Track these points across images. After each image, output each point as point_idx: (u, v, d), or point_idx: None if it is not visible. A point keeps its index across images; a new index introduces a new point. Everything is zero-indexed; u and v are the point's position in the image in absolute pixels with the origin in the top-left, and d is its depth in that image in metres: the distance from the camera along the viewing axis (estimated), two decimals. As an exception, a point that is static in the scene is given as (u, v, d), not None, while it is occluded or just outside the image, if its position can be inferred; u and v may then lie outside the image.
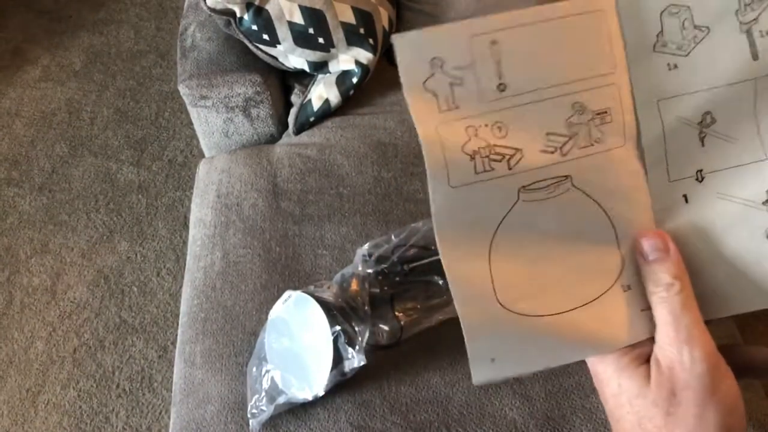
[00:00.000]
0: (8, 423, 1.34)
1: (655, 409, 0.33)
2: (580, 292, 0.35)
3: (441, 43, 0.32)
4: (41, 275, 1.55)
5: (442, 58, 0.32)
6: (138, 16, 2.17)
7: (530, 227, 0.34)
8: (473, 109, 0.33)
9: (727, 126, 0.35)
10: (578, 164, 0.34)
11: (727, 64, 0.34)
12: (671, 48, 0.34)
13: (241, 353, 0.90)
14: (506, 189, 0.34)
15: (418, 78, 0.32)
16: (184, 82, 1.14)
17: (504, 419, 0.82)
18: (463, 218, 0.33)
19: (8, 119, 1.89)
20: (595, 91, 0.34)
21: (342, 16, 1.10)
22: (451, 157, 0.33)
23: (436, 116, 0.33)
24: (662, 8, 0.34)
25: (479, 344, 0.34)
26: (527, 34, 0.33)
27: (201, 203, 1.09)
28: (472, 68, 0.33)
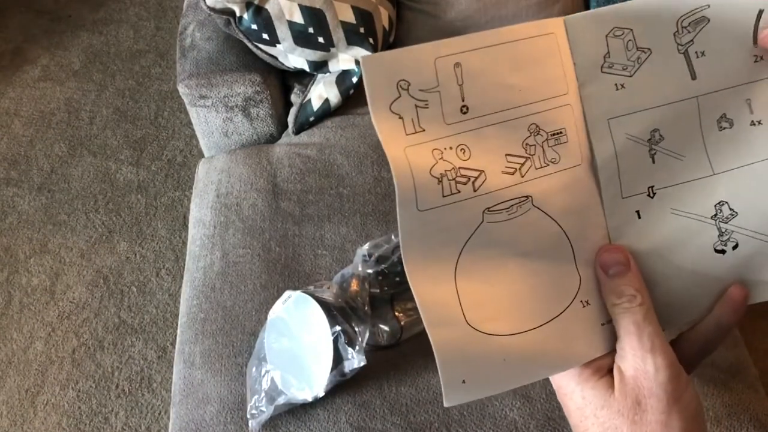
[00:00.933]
0: (7, 423, 1.34)
1: (620, 418, 0.33)
2: (543, 310, 0.36)
3: (407, 66, 0.33)
4: (40, 275, 1.55)
5: (408, 81, 0.33)
6: (137, 15, 2.17)
7: (493, 248, 0.35)
8: (438, 131, 0.33)
9: (675, 143, 0.36)
10: (537, 184, 0.35)
11: (668, 84, 0.36)
12: (617, 69, 0.36)
13: (240, 353, 0.89)
14: (471, 211, 0.34)
15: (384, 100, 0.33)
16: (183, 82, 1.13)
17: (504, 420, 0.82)
18: (429, 241, 0.34)
19: (7, 119, 1.89)
20: (550, 113, 0.35)
21: (342, 15, 1.10)
22: (420, 180, 0.33)
23: (403, 139, 0.33)
24: (607, 31, 0.35)
25: (451, 366, 0.34)
26: (487, 57, 0.34)
27: (200, 203, 1.09)
28: (437, 90, 0.33)
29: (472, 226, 0.34)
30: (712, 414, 0.83)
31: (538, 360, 0.35)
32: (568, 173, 0.36)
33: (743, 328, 1.05)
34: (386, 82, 0.32)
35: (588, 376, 0.35)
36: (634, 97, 0.36)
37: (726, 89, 0.36)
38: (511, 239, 0.35)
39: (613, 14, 0.35)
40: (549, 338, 0.35)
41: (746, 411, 0.84)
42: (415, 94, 0.33)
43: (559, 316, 0.36)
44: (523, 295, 0.35)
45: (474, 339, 0.34)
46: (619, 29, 0.35)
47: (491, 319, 0.35)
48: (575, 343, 0.36)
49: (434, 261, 0.34)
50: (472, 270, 0.34)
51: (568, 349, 0.36)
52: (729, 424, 0.83)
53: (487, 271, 0.35)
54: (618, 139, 0.36)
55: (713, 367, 0.87)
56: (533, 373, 0.35)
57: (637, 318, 0.34)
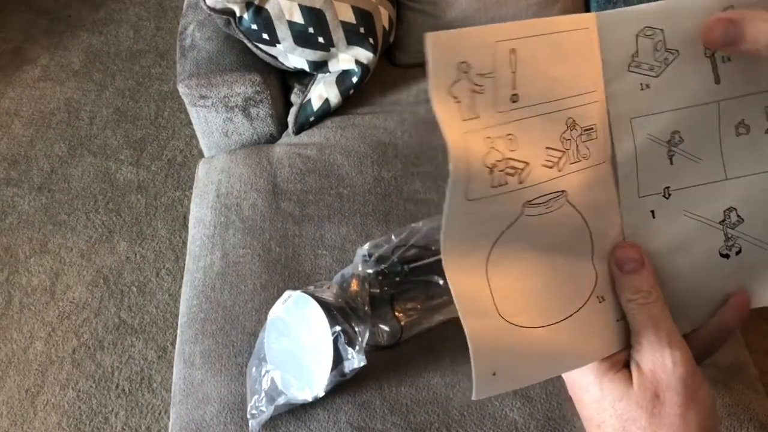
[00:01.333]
0: (7, 423, 1.34)
1: (639, 410, 0.34)
2: (564, 305, 0.36)
3: (469, 47, 0.32)
4: (40, 275, 1.55)
5: (468, 63, 0.32)
6: (137, 15, 2.17)
7: (524, 241, 0.35)
8: (491, 119, 0.33)
9: (693, 146, 0.37)
10: (571, 179, 0.35)
11: (692, 87, 0.36)
12: (644, 68, 0.36)
13: (240, 354, 0.89)
14: (513, 203, 0.34)
15: (445, 81, 0.31)
16: (183, 82, 1.13)
17: (504, 420, 0.82)
18: (469, 232, 0.33)
19: (7, 119, 1.89)
20: (584, 108, 0.35)
21: (342, 15, 1.10)
22: (474, 168, 0.32)
23: (460, 123, 0.32)
24: (638, 30, 0.35)
25: (484, 358, 0.34)
26: (537, 45, 0.33)
27: (200, 203, 1.09)
28: (493, 76, 0.32)
29: (510, 219, 0.34)
30: (712, 414, 0.83)
31: (561, 354, 0.36)
32: (596, 170, 0.36)
33: (743, 329, 1.05)
34: (449, 62, 0.31)
35: (605, 369, 0.36)
36: (657, 98, 0.36)
37: (747, 95, 0.36)
38: (542, 233, 0.35)
39: (647, 13, 0.35)
40: (570, 333, 0.36)
41: (746, 411, 0.84)
42: (473, 77, 0.32)
43: (578, 312, 0.36)
44: (546, 289, 0.36)
45: (506, 331, 0.34)
46: (651, 29, 0.35)
47: (522, 312, 0.35)
48: (593, 339, 0.36)
49: (470, 251, 0.34)
50: (504, 262, 0.34)
51: (588, 345, 0.36)
52: (729, 424, 0.83)
53: (516, 264, 0.35)
54: (639, 139, 0.37)
55: (713, 367, 0.87)
56: (556, 367, 0.36)
57: (653, 313, 0.35)
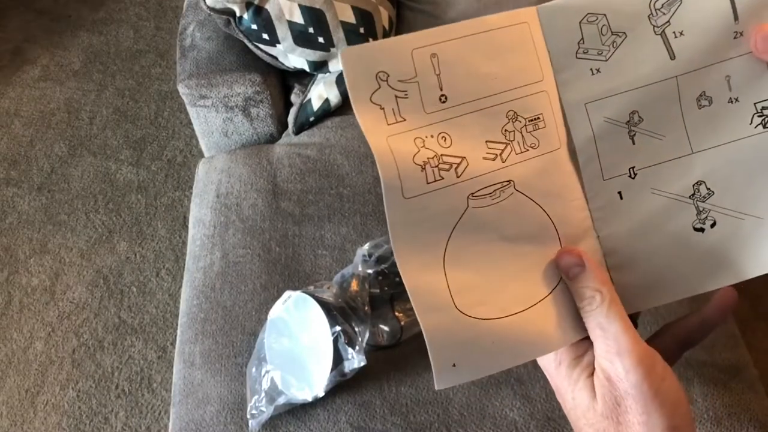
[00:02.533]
0: (7, 423, 1.34)
1: (606, 421, 0.34)
2: (530, 293, 0.36)
3: (385, 57, 0.34)
4: (40, 275, 1.55)
5: (386, 72, 0.34)
6: (137, 15, 2.17)
7: (480, 233, 0.35)
8: (419, 120, 0.34)
9: (654, 123, 0.37)
10: (518, 169, 0.36)
11: (646, 66, 0.36)
12: (593, 54, 0.37)
13: (240, 354, 0.89)
14: (456, 197, 0.35)
15: (365, 92, 0.33)
16: (183, 82, 1.13)
17: (504, 420, 0.82)
18: (417, 229, 0.34)
19: (7, 119, 1.89)
20: (526, 99, 0.36)
21: (342, 15, 1.10)
22: (403, 168, 0.34)
23: (385, 128, 0.34)
24: (581, 18, 0.36)
25: (441, 351, 0.34)
26: (462, 47, 0.35)
27: (200, 203, 1.09)
28: (415, 81, 0.34)
29: (458, 212, 0.35)
30: (712, 414, 0.83)
31: (526, 342, 0.36)
32: (548, 157, 0.37)
33: (743, 328, 1.05)
34: (365, 74, 0.33)
35: (577, 376, 0.36)
36: (610, 81, 0.37)
37: (706, 67, 0.36)
38: (496, 224, 0.36)
39: (585, 1, 0.36)
40: (536, 320, 0.36)
41: (746, 411, 0.84)
42: (394, 84, 0.34)
43: (545, 299, 0.36)
44: (510, 278, 0.36)
45: (463, 324, 0.35)
46: (593, 15, 0.36)
47: (480, 304, 0.35)
48: (562, 324, 0.36)
49: (423, 248, 0.34)
50: (460, 256, 0.35)
51: (555, 331, 0.36)
52: (729, 424, 0.83)
53: (474, 256, 0.35)
54: (596, 123, 0.37)
55: (713, 367, 0.87)
56: (521, 354, 0.36)
57: (599, 320, 0.35)
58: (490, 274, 0.35)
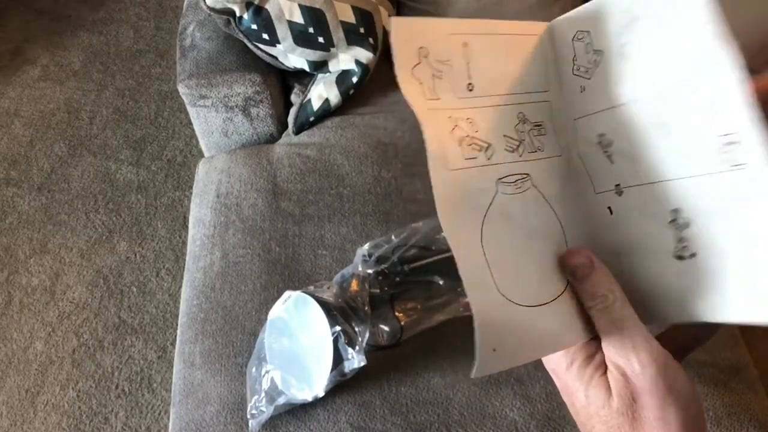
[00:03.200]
0: (7, 423, 1.34)
1: (621, 417, 0.34)
2: (548, 288, 0.36)
3: (428, 35, 0.35)
4: (40, 275, 1.55)
5: (427, 49, 0.35)
6: (137, 15, 2.17)
7: (507, 220, 0.36)
8: (451, 102, 0.35)
9: (626, 145, 0.36)
10: (532, 166, 0.37)
11: (618, 86, 0.36)
12: (582, 71, 0.37)
13: (240, 354, 0.89)
14: (488, 179, 0.35)
15: (408, 63, 0.34)
16: (183, 82, 1.13)
17: (504, 420, 0.82)
18: (459, 205, 0.34)
19: (7, 119, 1.89)
20: (533, 105, 0.37)
21: (342, 15, 1.10)
22: (445, 140, 0.34)
23: (425, 102, 0.34)
24: (572, 34, 0.37)
25: (487, 332, 0.33)
26: (489, 43, 0.36)
27: (200, 203, 1.09)
28: (449, 63, 0.35)
29: (490, 195, 0.35)
30: (712, 414, 0.83)
31: (553, 332, 0.35)
32: (553, 161, 0.38)
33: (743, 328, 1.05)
34: (410, 46, 0.34)
35: (591, 374, 0.35)
36: (591, 100, 0.37)
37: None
38: (519, 215, 0.36)
39: (575, 17, 0.37)
40: (555, 315, 0.36)
41: (746, 411, 0.84)
42: (432, 63, 0.35)
43: (559, 297, 0.36)
44: (535, 269, 0.36)
45: (504, 306, 0.34)
46: (581, 32, 0.36)
47: (514, 288, 0.35)
48: (575, 322, 0.36)
49: (465, 224, 0.34)
50: (494, 239, 0.35)
51: (571, 327, 0.36)
52: (729, 424, 0.83)
53: (504, 243, 0.35)
54: (580, 140, 0.38)
55: (713, 367, 0.87)
56: (549, 345, 0.35)
57: (613, 317, 0.35)
58: (518, 262, 0.35)
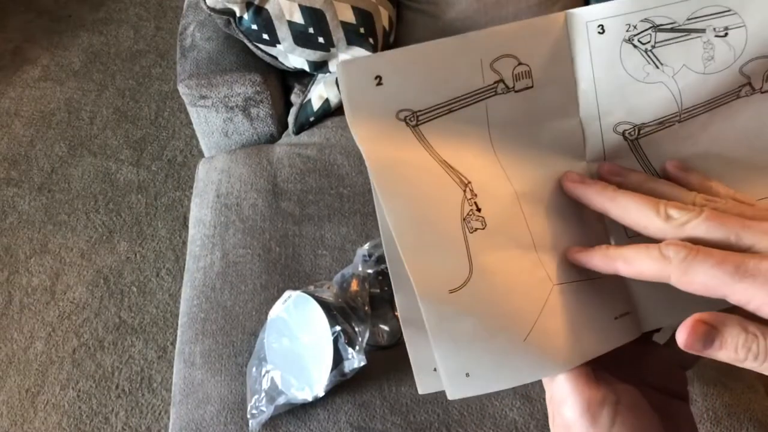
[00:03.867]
0: (7, 423, 1.34)
1: None
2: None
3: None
4: (40, 275, 1.55)
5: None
6: (137, 15, 2.17)
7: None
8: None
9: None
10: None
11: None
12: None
13: (240, 353, 0.89)
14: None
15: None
16: (183, 82, 1.13)
17: (504, 420, 0.82)
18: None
19: (7, 119, 1.89)
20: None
21: (342, 15, 1.10)
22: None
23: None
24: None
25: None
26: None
27: (200, 203, 1.09)
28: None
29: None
30: (712, 414, 0.83)
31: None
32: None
33: (743, 328, 1.05)
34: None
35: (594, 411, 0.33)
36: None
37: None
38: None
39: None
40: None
41: (746, 411, 0.84)
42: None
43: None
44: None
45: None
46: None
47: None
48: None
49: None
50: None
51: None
52: (729, 424, 0.83)
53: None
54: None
55: (713, 367, 0.87)
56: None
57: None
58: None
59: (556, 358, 0.33)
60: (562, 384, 0.32)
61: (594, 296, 0.34)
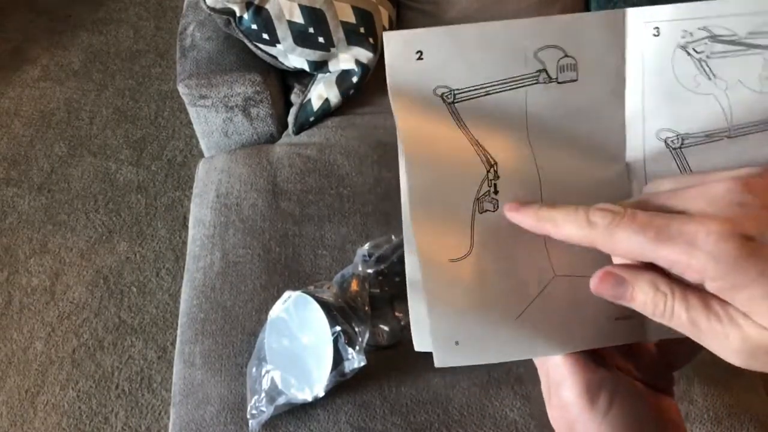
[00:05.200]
0: (7, 424, 1.34)
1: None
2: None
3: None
4: (40, 275, 1.55)
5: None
6: (137, 15, 2.17)
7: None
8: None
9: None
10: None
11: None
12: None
13: (240, 354, 0.89)
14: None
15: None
16: (183, 82, 1.13)
17: (504, 420, 0.82)
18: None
19: (7, 119, 1.89)
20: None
21: (342, 15, 1.09)
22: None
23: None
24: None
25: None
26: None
27: (200, 203, 1.09)
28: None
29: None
30: (713, 414, 0.83)
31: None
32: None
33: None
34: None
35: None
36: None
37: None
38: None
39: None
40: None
41: (746, 411, 0.84)
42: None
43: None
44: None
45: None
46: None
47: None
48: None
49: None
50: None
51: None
52: (729, 424, 0.83)
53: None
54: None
55: (713, 367, 0.87)
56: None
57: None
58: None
59: (546, 342, 0.34)
60: (561, 365, 0.33)
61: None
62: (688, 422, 0.83)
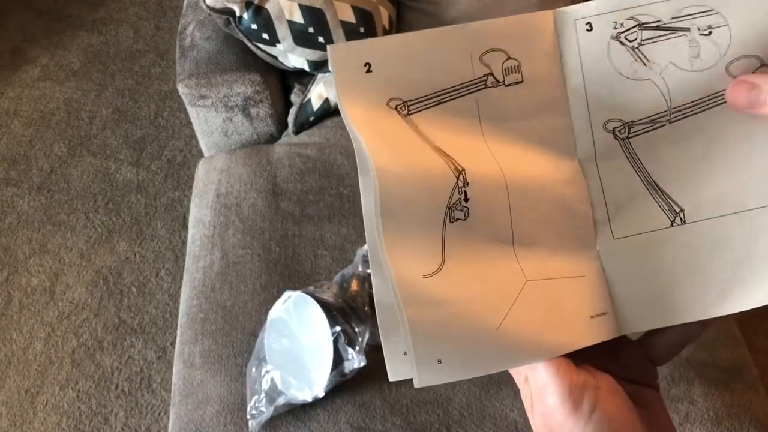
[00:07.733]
0: (7, 424, 1.34)
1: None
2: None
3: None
4: (40, 275, 1.55)
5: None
6: (137, 15, 2.16)
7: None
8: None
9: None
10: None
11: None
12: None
13: (240, 354, 0.89)
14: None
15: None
16: (183, 82, 1.13)
17: (504, 420, 0.82)
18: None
19: (7, 119, 1.89)
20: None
21: (342, 15, 1.09)
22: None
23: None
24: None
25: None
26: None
27: (200, 203, 1.09)
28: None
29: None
30: (713, 414, 0.83)
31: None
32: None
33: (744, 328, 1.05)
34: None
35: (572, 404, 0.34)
36: None
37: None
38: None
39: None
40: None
41: (746, 411, 0.84)
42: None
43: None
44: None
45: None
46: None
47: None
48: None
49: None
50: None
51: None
52: (729, 424, 0.83)
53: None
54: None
55: (714, 367, 0.87)
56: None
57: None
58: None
59: (528, 349, 0.33)
60: (543, 372, 0.33)
61: (569, 294, 0.34)
62: (688, 422, 0.83)
